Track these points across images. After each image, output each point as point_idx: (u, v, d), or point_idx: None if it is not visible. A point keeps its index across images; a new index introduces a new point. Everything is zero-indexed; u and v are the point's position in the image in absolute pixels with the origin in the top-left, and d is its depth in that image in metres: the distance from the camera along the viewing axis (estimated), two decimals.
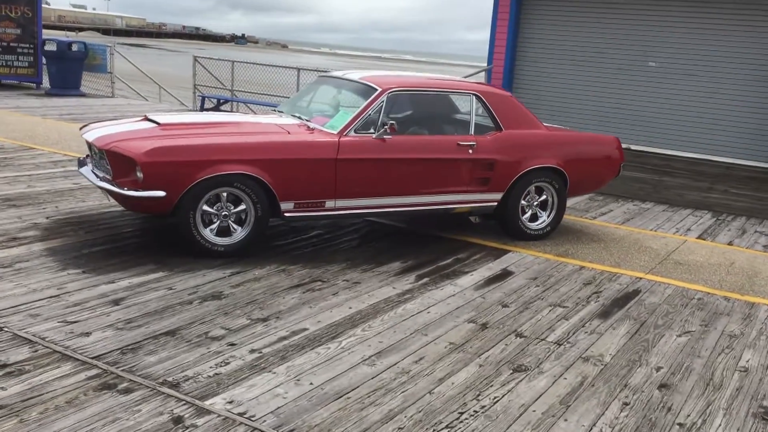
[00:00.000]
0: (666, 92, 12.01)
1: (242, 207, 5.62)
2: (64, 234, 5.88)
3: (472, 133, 6.55)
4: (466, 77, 12.29)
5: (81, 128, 6.33)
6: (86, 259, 5.33)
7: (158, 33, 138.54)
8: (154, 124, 5.88)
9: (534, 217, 6.95)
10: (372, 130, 6.02)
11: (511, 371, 4.06)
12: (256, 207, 5.62)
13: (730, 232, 8.05)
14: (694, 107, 12.02)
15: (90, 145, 5.91)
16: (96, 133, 5.78)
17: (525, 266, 6.09)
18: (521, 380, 3.95)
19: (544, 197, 6.96)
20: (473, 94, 6.64)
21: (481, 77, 13.09)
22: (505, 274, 5.83)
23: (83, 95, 16.64)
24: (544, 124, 7.29)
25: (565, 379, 4.01)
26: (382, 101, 6.09)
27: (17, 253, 5.32)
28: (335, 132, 5.93)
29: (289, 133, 5.92)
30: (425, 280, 5.52)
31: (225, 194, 5.55)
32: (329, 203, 5.93)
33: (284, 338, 4.25)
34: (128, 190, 5.31)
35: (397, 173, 6.14)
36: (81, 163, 6.23)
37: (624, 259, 6.55)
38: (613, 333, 4.77)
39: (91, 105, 15.03)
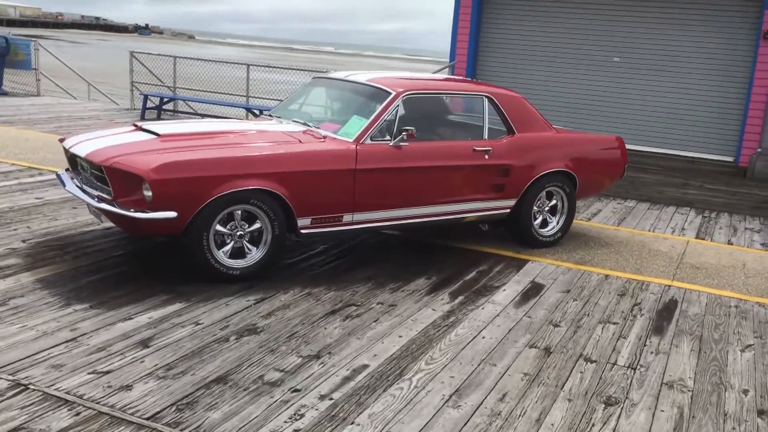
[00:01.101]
0: (630, 87, 12.00)
1: (257, 225, 5.11)
2: (50, 260, 5.22)
3: (486, 137, 6.21)
4: (435, 73, 11.96)
5: (62, 140, 5.65)
6: (88, 290, 4.72)
7: (55, 23, 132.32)
8: (152, 135, 5.28)
9: (544, 223, 6.68)
10: (388, 137, 5.59)
11: (604, 405, 3.74)
12: (273, 225, 5.11)
13: (722, 230, 8.00)
14: (658, 102, 12.05)
15: (78, 160, 5.26)
16: (87, 146, 5.13)
17: (551, 277, 5.80)
18: (619, 415, 3.64)
19: (553, 202, 6.69)
20: (485, 96, 6.29)
21: (445, 74, 12.77)
22: (536, 288, 5.51)
23: (5, 94, 15.49)
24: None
25: (663, 411, 3.72)
26: (397, 105, 5.67)
27: (5, 286, 4.66)
28: (351, 140, 5.47)
29: (300, 142, 5.42)
30: (460, 298, 5.15)
31: (239, 212, 5.02)
32: (347, 217, 5.47)
33: (348, 378, 3.80)
34: (135, 211, 4.71)
35: (414, 183, 5.74)
36: (61, 177, 5.56)
37: (642, 265, 6.35)
38: (678, 352, 4.52)
39: (18, 105, 13.95)
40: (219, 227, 4.96)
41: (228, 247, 5.05)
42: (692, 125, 11.86)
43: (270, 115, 6.38)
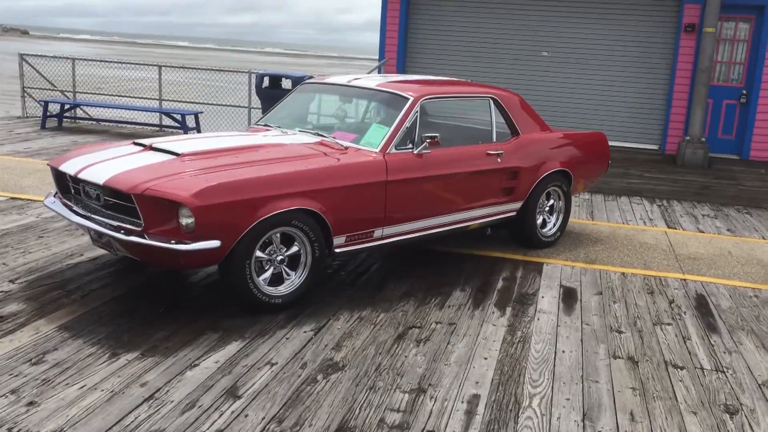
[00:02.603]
0: (559, 81, 12.25)
1: (295, 249, 4.71)
2: (57, 303, 4.61)
3: (495, 140, 6.07)
4: (369, 72, 11.69)
5: (52, 163, 5.00)
6: (125, 335, 4.18)
7: None
8: (169, 155, 4.75)
9: (543, 223, 6.62)
10: (410, 145, 5.33)
11: (727, 414, 3.70)
12: (313, 246, 4.74)
13: (684, 218, 8.27)
14: (586, 94, 12.36)
15: (83, 186, 4.65)
16: (102, 171, 4.54)
17: (574, 279, 5.75)
18: (748, 424, 3.60)
19: (551, 201, 6.66)
20: (490, 98, 6.14)
21: (375, 72, 12.51)
22: (569, 292, 5.44)
23: None
24: None
25: None
26: (417, 111, 5.42)
27: (29, 339, 4.04)
28: (377, 150, 5.17)
29: (325, 155, 5.06)
30: (509, 310, 4.99)
31: (278, 235, 4.62)
32: (377, 232, 5.18)
33: (471, 413, 3.55)
34: (176, 243, 4.20)
35: (437, 191, 5.52)
36: (55, 207, 4.92)
37: (644, 259, 6.43)
38: (746, 349, 4.57)
39: None
40: (259, 253, 4.54)
41: (267, 274, 4.64)
42: (619, 116, 12.27)
43: (266, 125, 5.93)
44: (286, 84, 11.18)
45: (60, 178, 5.01)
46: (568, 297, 5.32)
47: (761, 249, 7.03)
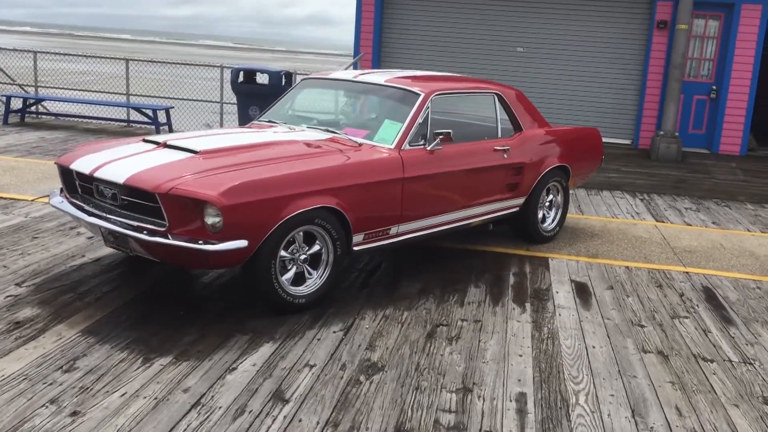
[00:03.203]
0: (534, 76, 12.32)
1: (316, 248, 4.63)
2: (71, 306, 4.44)
3: (500, 136, 6.06)
4: (346, 68, 11.59)
5: (60, 161, 4.80)
6: (153, 339, 4.05)
7: None
8: (187, 152, 4.61)
9: (543, 219, 6.65)
10: (422, 142, 5.28)
11: (767, 406, 3.74)
12: (335, 245, 4.66)
13: (667, 211, 8.41)
14: (561, 90, 12.47)
15: (97, 185, 4.48)
16: (119, 169, 4.38)
17: (582, 274, 5.79)
18: None
19: (550, 197, 6.69)
20: (495, 94, 6.14)
21: (351, 68, 12.40)
22: (581, 287, 5.48)
23: None
24: None
25: None
26: (428, 107, 5.37)
27: (54, 345, 3.88)
28: (392, 146, 5.11)
29: (341, 151, 4.98)
30: (528, 306, 4.99)
31: (300, 234, 4.52)
32: (393, 229, 5.13)
33: (521, 411, 3.53)
34: (204, 243, 4.08)
35: (449, 188, 5.49)
36: (63, 206, 4.74)
37: (643, 253, 6.51)
38: (765, 340, 4.65)
39: None
40: (282, 252, 4.44)
41: (290, 274, 4.54)
42: (592, 111, 12.41)
43: (270, 122, 5.81)
44: (261, 79, 11.03)
45: (67, 176, 4.81)
46: (582, 292, 5.35)
47: (749, 241, 7.19)
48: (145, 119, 11.98)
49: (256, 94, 10.78)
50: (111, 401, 3.34)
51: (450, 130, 5.29)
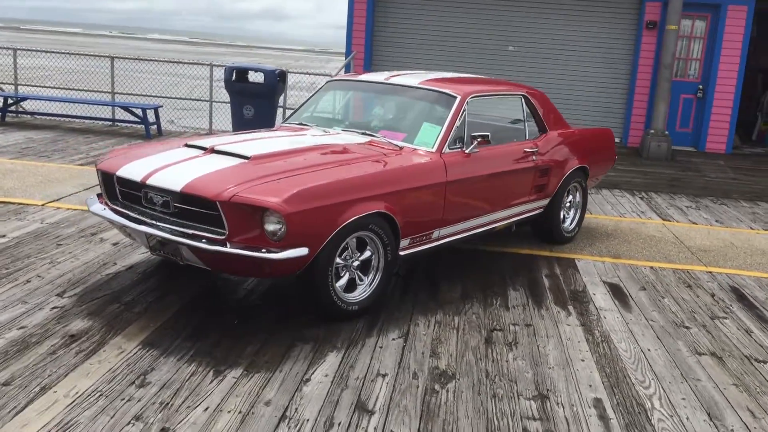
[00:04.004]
0: (524, 75, 12.39)
1: (368, 253, 4.59)
2: (120, 317, 4.34)
3: (527, 137, 6.09)
4: (342, 68, 11.51)
5: (103, 167, 4.67)
6: (218, 351, 3.98)
7: None
8: (239, 158, 4.52)
9: (562, 219, 6.71)
10: (458, 145, 5.28)
11: None
12: (386, 250, 4.63)
13: (670, 210, 8.55)
14: (551, 89, 12.52)
15: (146, 191, 4.38)
16: (175, 176, 4.28)
17: (612, 275, 5.85)
18: None
19: (569, 198, 6.74)
20: (521, 95, 6.16)
21: (349, 67, 12.31)
22: (616, 288, 5.54)
23: None
24: None
25: None
26: (465, 110, 5.37)
27: (118, 360, 3.78)
28: (433, 150, 5.10)
29: (385, 155, 4.95)
30: (572, 309, 5.04)
31: (353, 240, 4.49)
32: (435, 233, 5.12)
33: (603, 417, 3.55)
34: (267, 252, 4.02)
35: (485, 190, 5.50)
36: (106, 214, 4.62)
37: (662, 253, 6.60)
38: None
39: None
40: (337, 259, 4.40)
41: (344, 281, 4.50)
42: (583, 110, 12.54)
43: (301, 124, 5.74)
44: (255, 77, 10.91)
45: (108, 182, 4.69)
46: (618, 293, 5.41)
47: (757, 240, 7.35)
48: (133, 119, 11.75)
49: (250, 93, 10.65)
50: (196, 416, 3.27)
51: (488, 133, 5.30)
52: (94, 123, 12.37)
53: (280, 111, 11.50)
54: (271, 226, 4.02)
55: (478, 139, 5.24)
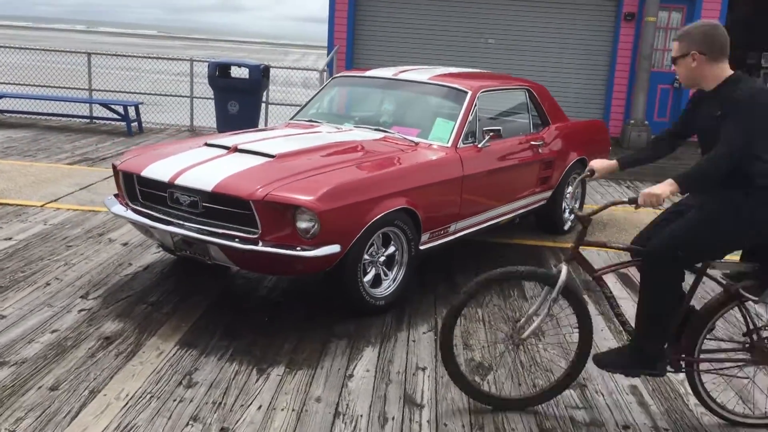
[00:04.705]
0: (505, 67, 12.46)
1: (392, 249, 4.65)
2: (151, 317, 4.33)
3: (532, 130, 6.19)
4: (327, 62, 11.49)
5: (124, 167, 4.64)
6: (256, 349, 3.99)
7: None
8: (262, 157, 4.53)
9: (564, 210, 6.82)
10: (471, 139, 5.35)
11: None
12: (410, 245, 4.69)
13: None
14: (531, 80, 12.67)
15: (172, 191, 4.36)
16: (203, 176, 4.27)
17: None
18: None
19: (569, 189, 6.86)
20: (525, 89, 6.25)
21: (330, 60, 12.27)
22: (625, 277, 5.66)
23: None
24: None
25: None
26: (476, 105, 5.44)
27: (159, 363, 3.77)
28: (448, 145, 5.16)
29: (402, 151, 5.00)
30: (587, 298, 5.16)
31: (380, 235, 4.54)
32: (452, 227, 5.19)
33: (643, 404, 3.66)
34: (301, 249, 4.04)
35: (496, 184, 5.58)
36: (129, 215, 4.60)
37: None
38: None
39: None
40: (365, 255, 4.44)
41: (370, 276, 4.55)
42: (563, 101, 12.61)
43: (310, 121, 5.75)
44: (238, 72, 10.85)
45: (128, 182, 4.66)
46: (627, 282, 5.54)
47: None
48: (113, 116, 11.59)
49: (234, 89, 10.58)
50: (251, 415, 3.29)
51: (500, 128, 5.37)
52: (71, 121, 12.16)
53: (263, 107, 11.44)
54: (303, 224, 4.05)
55: (491, 134, 5.31)
